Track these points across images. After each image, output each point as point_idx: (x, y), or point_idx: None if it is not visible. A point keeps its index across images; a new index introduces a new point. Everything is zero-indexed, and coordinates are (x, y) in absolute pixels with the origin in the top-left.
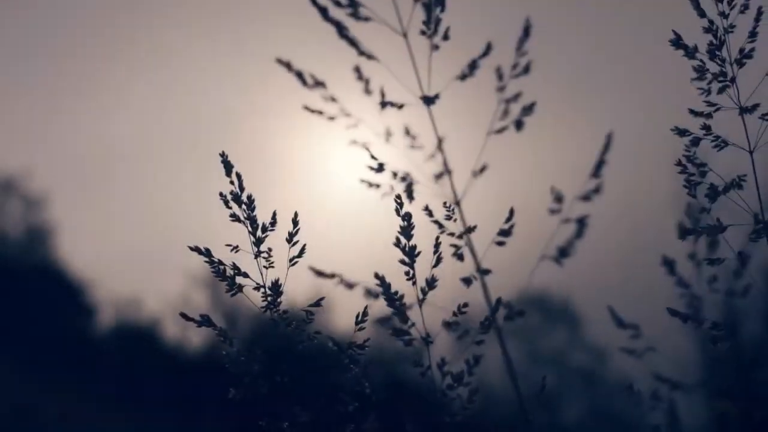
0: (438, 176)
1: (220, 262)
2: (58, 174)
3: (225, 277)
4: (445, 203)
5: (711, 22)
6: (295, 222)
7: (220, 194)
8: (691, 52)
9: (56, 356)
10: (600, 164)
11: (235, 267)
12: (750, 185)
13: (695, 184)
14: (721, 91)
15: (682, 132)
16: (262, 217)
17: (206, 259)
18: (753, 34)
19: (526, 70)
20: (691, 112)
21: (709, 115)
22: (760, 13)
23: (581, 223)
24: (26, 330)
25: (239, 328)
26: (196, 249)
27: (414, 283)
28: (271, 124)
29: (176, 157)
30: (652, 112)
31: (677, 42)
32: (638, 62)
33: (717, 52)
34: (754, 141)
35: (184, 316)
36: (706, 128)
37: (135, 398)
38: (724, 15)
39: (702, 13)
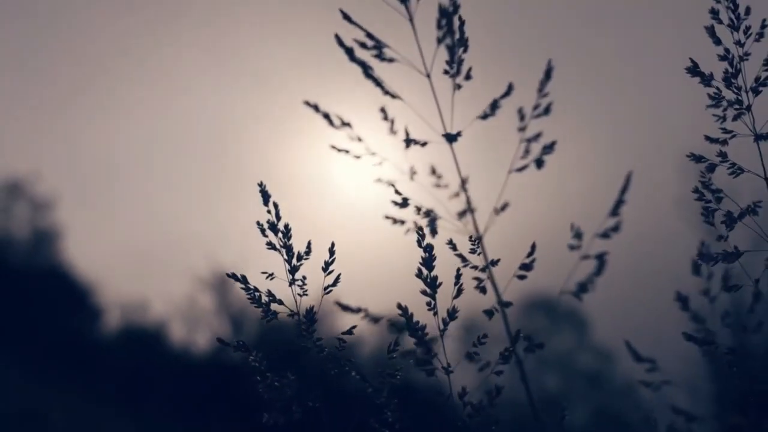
0: (461, 213)
1: (256, 289)
2: (66, 177)
3: (261, 303)
4: (470, 237)
5: (727, 50)
6: (331, 252)
7: (257, 223)
8: (707, 80)
9: (62, 359)
10: (618, 203)
11: (270, 294)
12: (765, 211)
13: (712, 211)
14: (736, 118)
15: (697, 158)
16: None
17: (242, 286)
18: None
19: (547, 110)
20: (707, 138)
21: (724, 142)
22: None
23: (601, 259)
24: (33, 333)
25: (245, 331)
26: (233, 276)
27: (435, 314)
28: (297, 154)
29: (185, 160)
30: (666, 140)
31: (694, 69)
32: (653, 90)
33: (733, 80)
34: None
35: (220, 341)
36: (722, 155)
37: (141, 401)
38: (739, 43)
39: (717, 41)
